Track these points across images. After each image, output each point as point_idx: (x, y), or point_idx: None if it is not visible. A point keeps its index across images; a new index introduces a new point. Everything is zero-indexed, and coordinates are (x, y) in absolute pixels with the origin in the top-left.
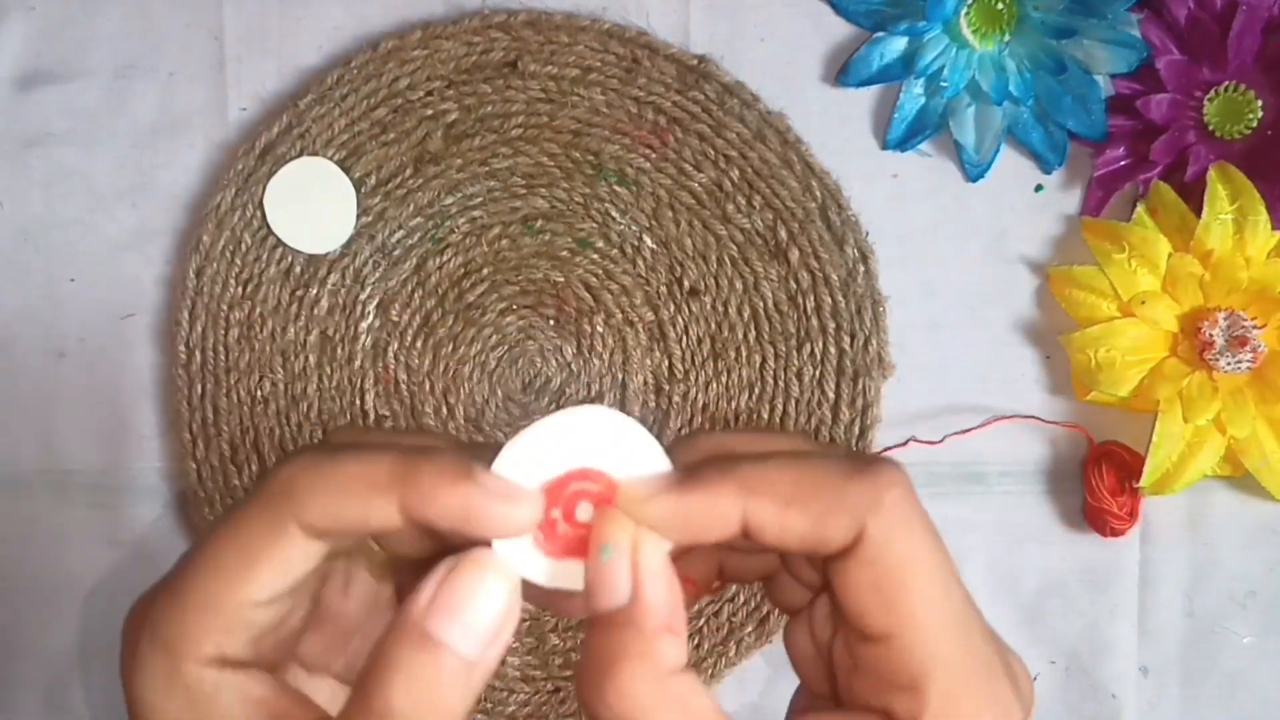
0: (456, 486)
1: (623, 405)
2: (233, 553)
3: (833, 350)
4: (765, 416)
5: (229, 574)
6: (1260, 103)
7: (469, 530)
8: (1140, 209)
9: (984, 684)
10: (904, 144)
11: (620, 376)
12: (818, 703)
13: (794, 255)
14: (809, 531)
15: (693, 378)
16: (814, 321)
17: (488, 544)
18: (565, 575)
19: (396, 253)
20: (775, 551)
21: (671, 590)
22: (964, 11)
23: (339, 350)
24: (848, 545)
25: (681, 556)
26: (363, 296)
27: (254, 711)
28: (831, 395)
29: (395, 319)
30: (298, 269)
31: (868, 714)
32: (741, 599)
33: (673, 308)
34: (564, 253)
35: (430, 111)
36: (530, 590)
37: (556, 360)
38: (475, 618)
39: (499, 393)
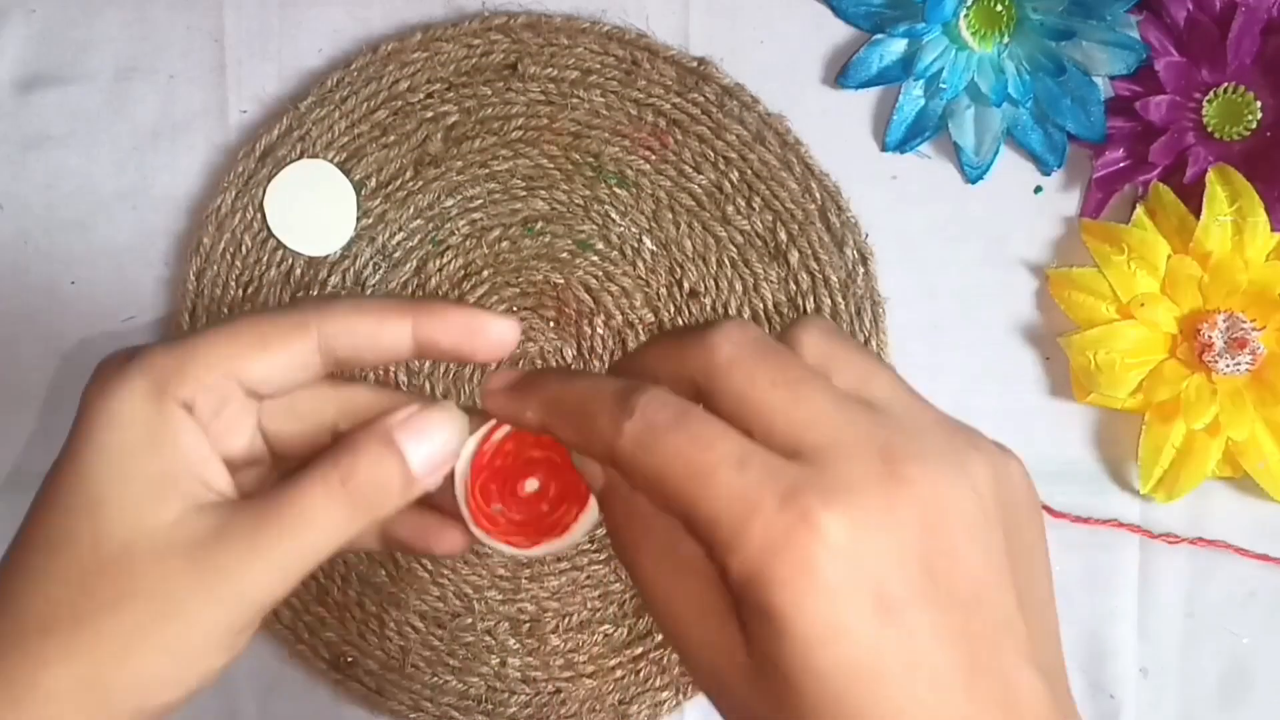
0: (456, 307)
1: None
2: (252, 334)
3: None
4: None
5: (241, 346)
6: (1259, 104)
7: (471, 343)
8: (1139, 211)
9: (767, 520)
10: (903, 146)
11: None
12: None
13: (794, 257)
14: (579, 444)
15: None
16: None
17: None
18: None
19: (397, 255)
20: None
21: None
22: (963, 13)
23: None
24: (608, 461)
25: None
26: None
27: (207, 460)
28: None
29: None
30: (298, 271)
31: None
32: None
33: (673, 309)
34: (564, 255)
35: (430, 114)
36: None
37: (557, 362)
38: (430, 447)
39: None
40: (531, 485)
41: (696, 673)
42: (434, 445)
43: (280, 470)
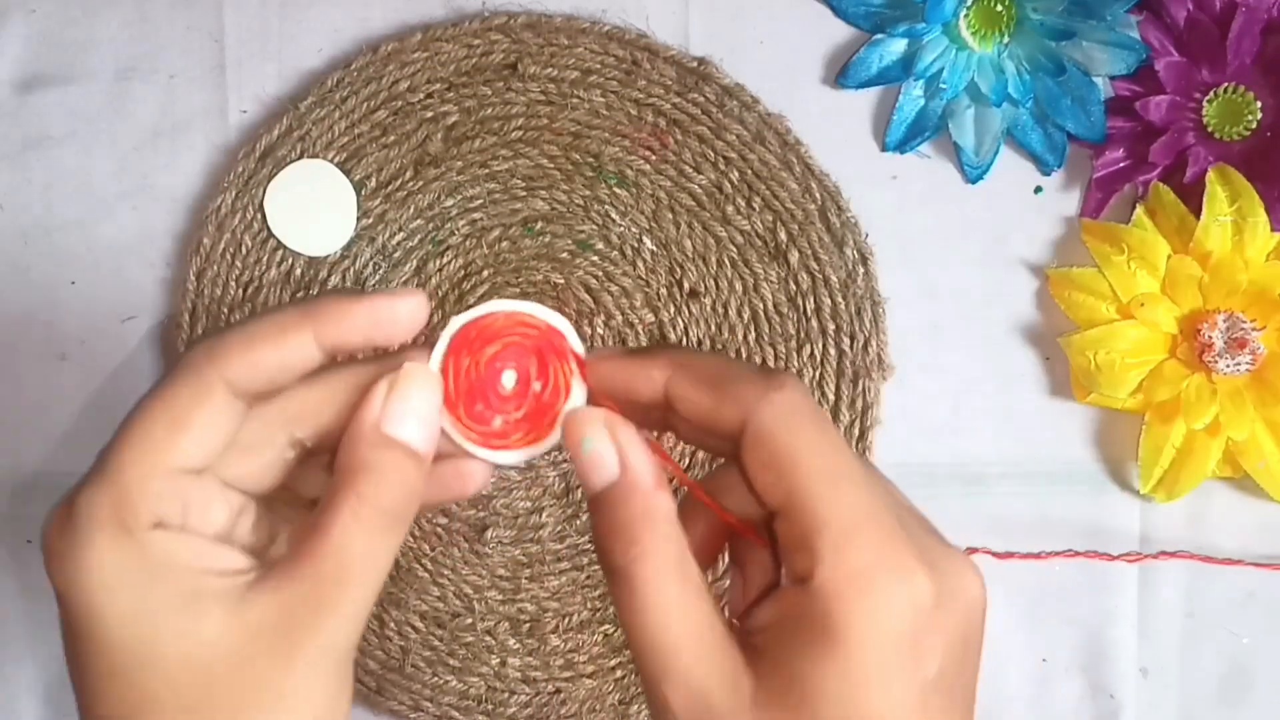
0: (357, 303)
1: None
2: (161, 421)
3: (832, 352)
4: None
5: (158, 441)
6: (1259, 104)
7: (381, 332)
8: (1139, 211)
9: (876, 536)
10: (903, 146)
11: None
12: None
13: (794, 257)
14: (709, 408)
15: None
16: (814, 323)
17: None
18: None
19: (397, 255)
20: (688, 420)
21: (650, 456)
22: (963, 13)
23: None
24: (736, 429)
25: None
26: None
27: (209, 556)
28: (831, 397)
29: None
30: (298, 271)
31: (789, 587)
32: None
33: (673, 309)
34: (564, 255)
35: (430, 114)
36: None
37: None
38: (419, 417)
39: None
40: (509, 379)
41: (675, 695)
42: (422, 411)
43: (267, 501)
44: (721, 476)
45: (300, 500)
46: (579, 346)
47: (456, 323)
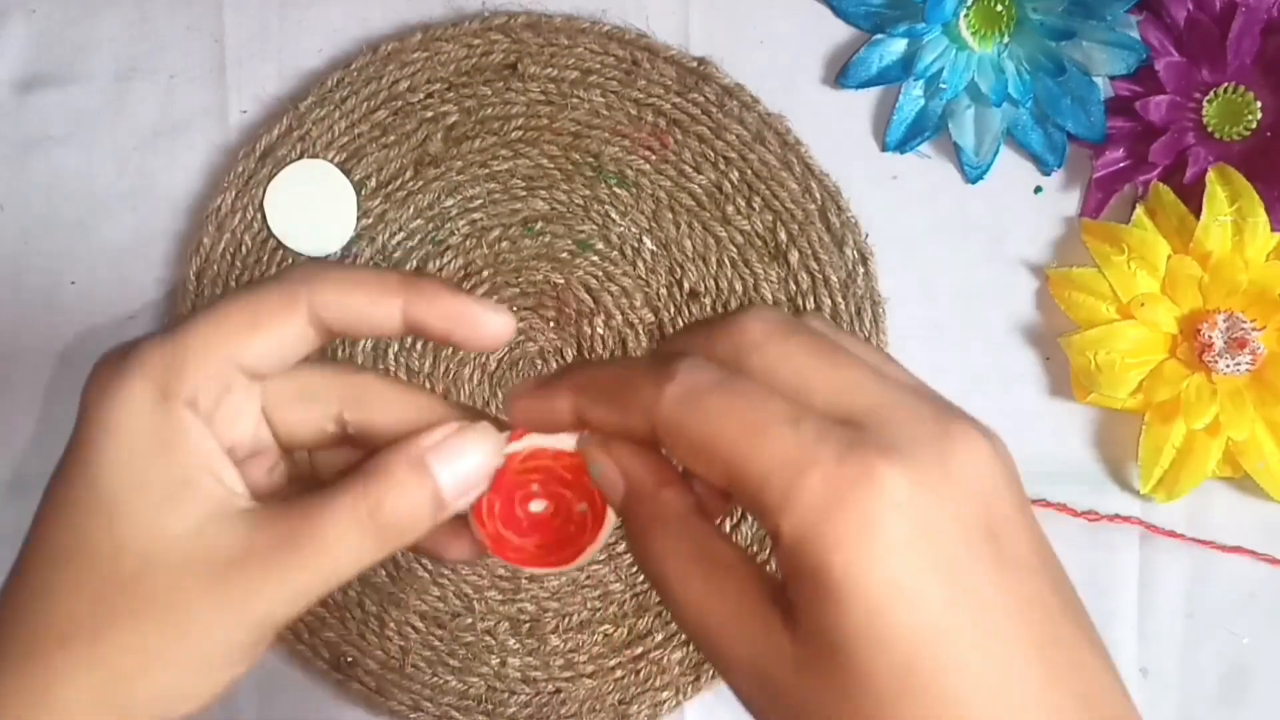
0: (454, 294)
1: None
2: (242, 315)
3: None
4: None
5: (233, 330)
6: (1259, 104)
7: (462, 331)
8: (1139, 211)
9: (824, 468)
10: (903, 146)
11: None
12: None
13: (794, 257)
14: (618, 425)
15: None
16: None
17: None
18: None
19: (397, 255)
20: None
21: (647, 465)
22: (963, 13)
23: (339, 353)
24: (648, 433)
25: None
26: None
27: (217, 459)
28: None
29: None
30: None
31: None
32: None
33: (673, 309)
34: (564, 255)
35: (430, 114)
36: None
37: (557, 362)
38: (462, 469)
39: (499, 394)
40: (537, 507)
41: (738, 679)
42: (468, 468)
43: (288, 459)
44: None
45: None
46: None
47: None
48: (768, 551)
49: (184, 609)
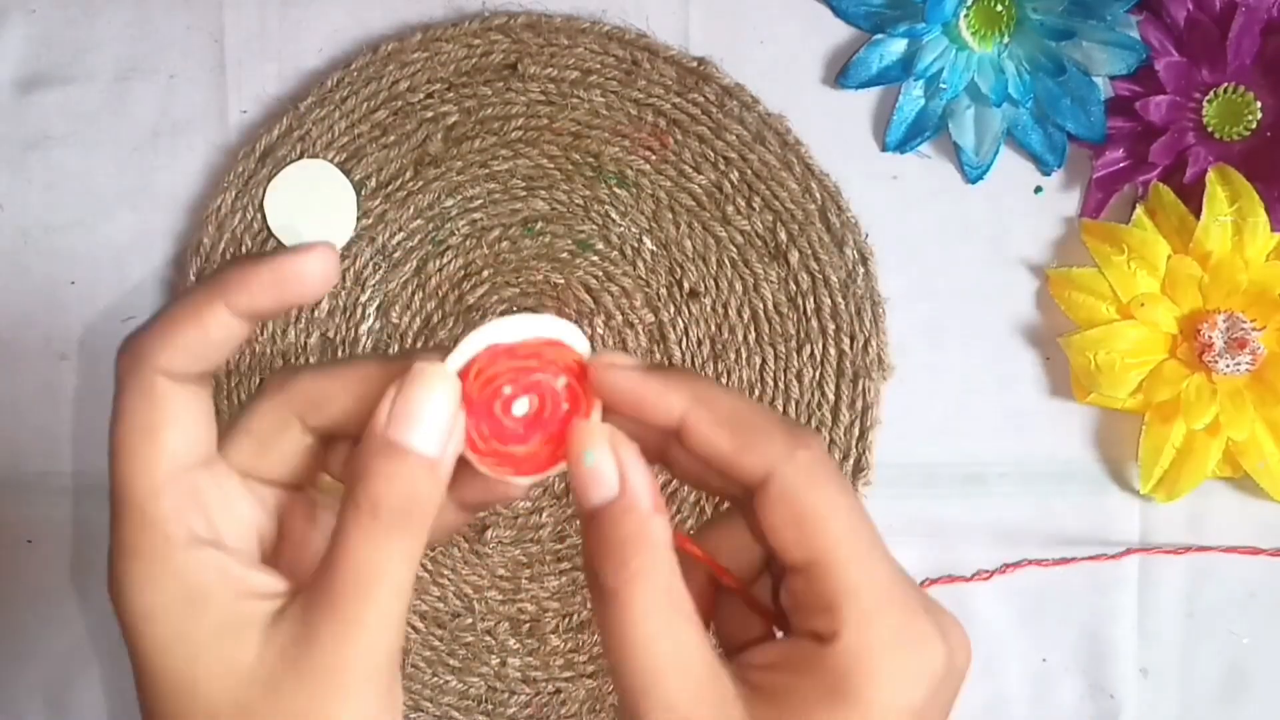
0: (260, 266)
1: None
2: (134, 435)
3: (832, 352)
4: None
5: (144, 454)
6: (1259, 104)
7: (290, 292)
8: (1139, 211)
9: (899, 608)
10: (903, 146)
11: None
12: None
13: (794, 257)
14: (728, 452)
15: None
16: (814, 323)
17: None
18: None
19: (397, 255)
20: (697, 457)
21: (651, 479)
22: (963, 13)
23: (339, 353)
24: (756, 479)
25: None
26: (363, 299)
27: (247, 589)
28: (831, 397)
29: (395, 321)
30: None
31: (800, 639)
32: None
33: (673, 309)
34: (564, 255)
35: (430, 114)
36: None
37: None
38: (429, 421)
39: None
40: (522, 407)
41: (656, 715)
42: (431, 415)
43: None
44: (713, 532)
45: None
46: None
47: (479, 339)
48: None
49: (305, 717)
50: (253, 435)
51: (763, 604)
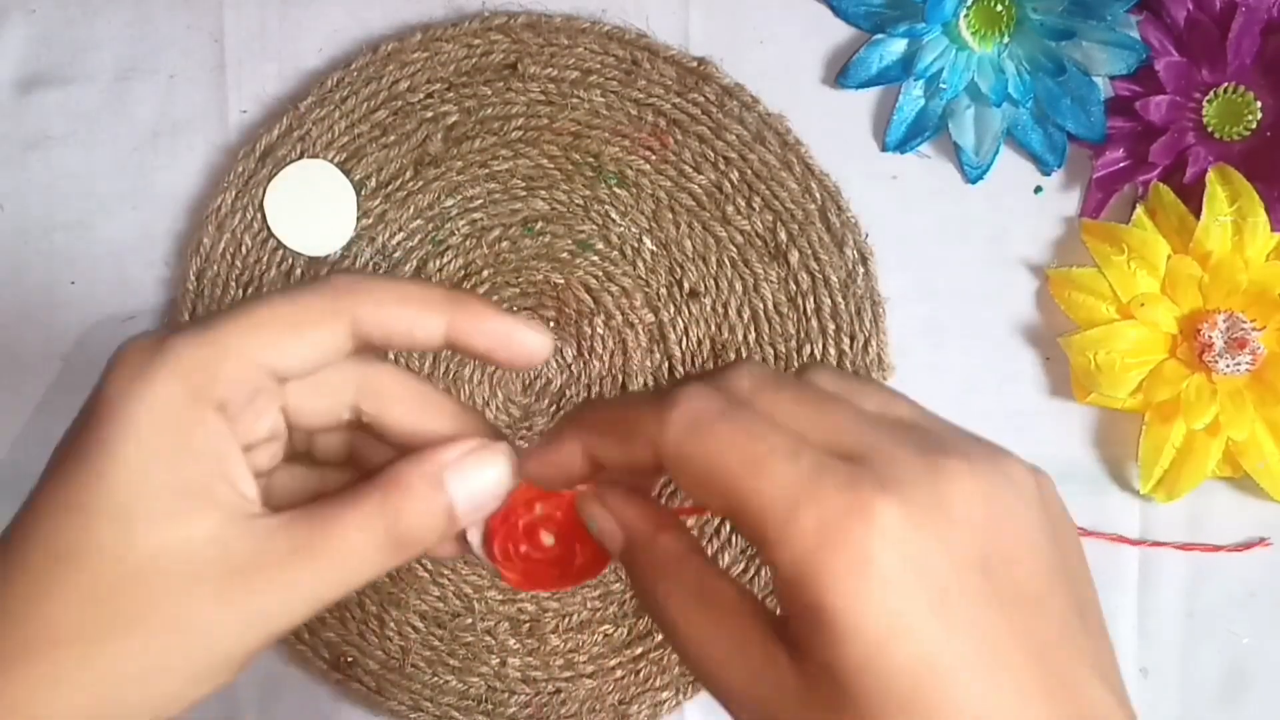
0: (499, 314)
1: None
2: (283, 321)
3: (832, 352)
4: None
5: (272, 336)
6: (1259, 104)
7: (499, 353)
8: (1139, 211)
9: (823, 501)
10: (903, 146)
11: (620, 378)
12: None
13: (794, 257)
14: (624, 457)
15: None
16: (814, 323)
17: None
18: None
19: (397, 255)
20: (624, 473)
21: (642, 511)
22: (963, 13)
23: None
24: (654, 463)
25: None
26: None
27: (236, 465)
28: None
29: None
30: (298, 271)
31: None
32: None
33: (673, 309)
34: (564, 255)
35: (430, 114)
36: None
37: (557, 362)
38: (479, 489)
39: (499, 394)
40: (547, 540)
41: (743, 714)
42: (483, 486)
43: (293, 442)
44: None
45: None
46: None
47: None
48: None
49: (191, 618)
50: (315, 380)
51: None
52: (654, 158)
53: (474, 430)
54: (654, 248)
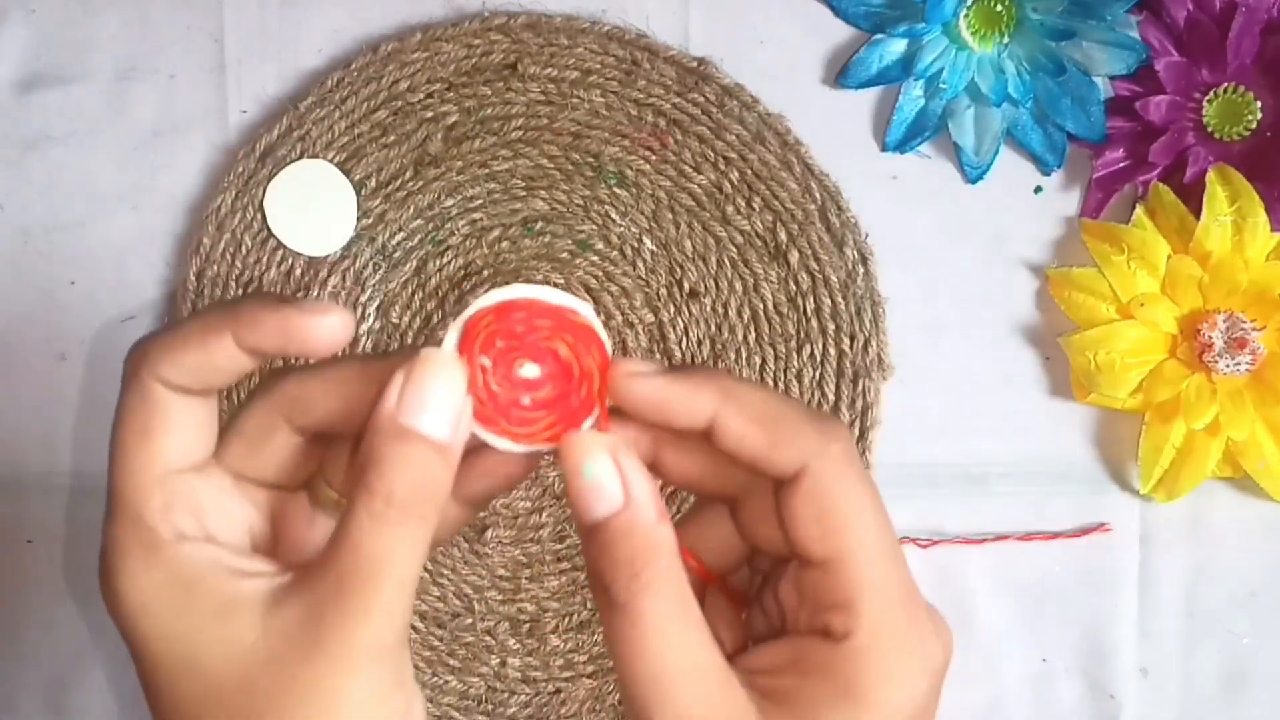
0: (273, 312)
1: None
2: (131, 437)
3: (832, 352)
4: None
5: (138, 455)
6: (1259, 104)
7: (295, 345)
8: (1139, 211)
9: (910, 612)
10: (903, 146)
11: None
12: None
13: (794, 257)
14: (762, 449)
15: None
16: (814, 323)
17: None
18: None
19: (397, 255)
20: (730, 457)
21: (653, 487)
22: (963, 13)
23: (339, 352)
24: (789, 474)
25: (701, 535)
26: (363, 299)
27: (241, 570)
28: (831, 397)
29: (396, 321)
30: (298, 271)
31: (809, 635)
32: None
33: (673, 309)
34: (564, 255)
35: (430, 114)
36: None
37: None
38: (439, 405)
39: None
40: (531, 371)
41: None
42: (442, 399)
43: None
44: (694, 525)
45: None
46: (607, 343)
47: (473, 308)
48: None
49: (307, 693)
50: (243, 436)
51: (741, 594)
52: (654, 158)
53: (392, 366)
54: (654, 248)
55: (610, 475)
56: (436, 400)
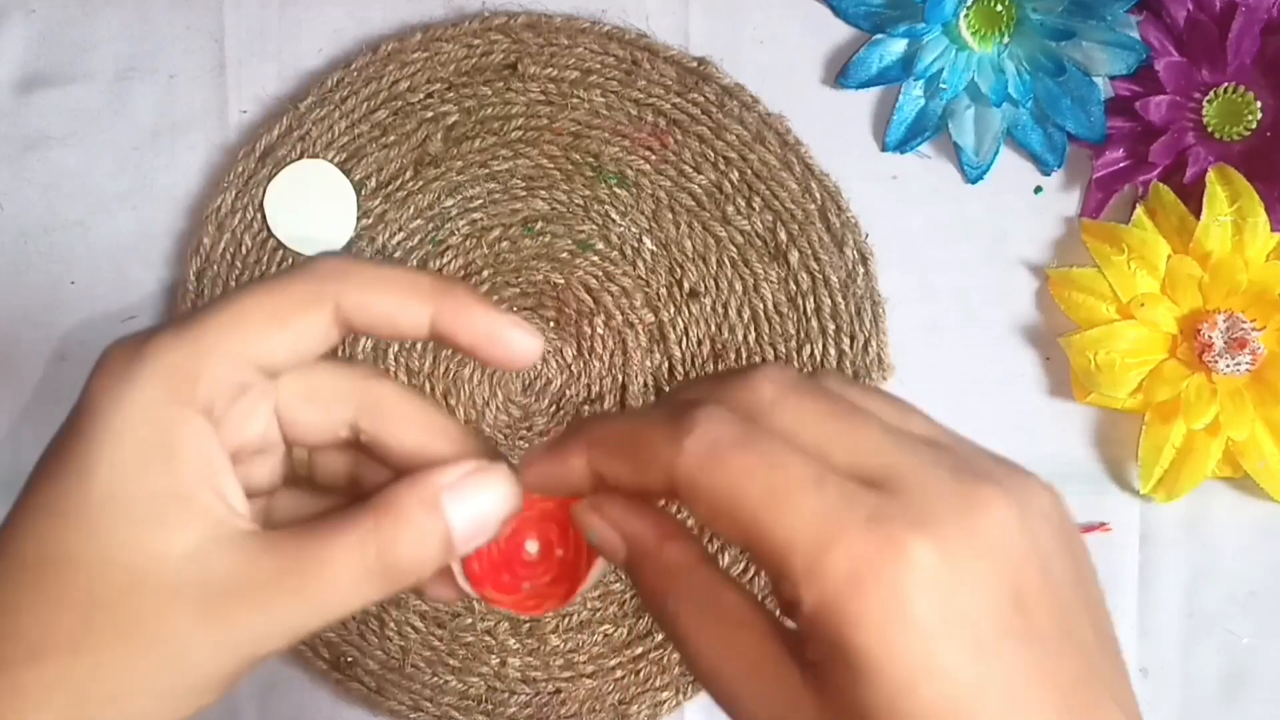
0: (487, 308)
1: (623, 407)
2: (265, 311)
3: (832, 352)
4: None
5: (255, 327)
6: (1259, 104)
7: (488, 347)
8: (1139, 211)
9: (853, 539)
10: (903, 146)
11: (620, 378)
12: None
13: (794, 257)
14: (634, 479)
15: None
16: (814, 323)
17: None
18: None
19: (397, 255)
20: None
21: (646, 520)
22: (963, 13)
23: (339, 353)
24: (666, 489)
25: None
26: None
27: (222, 472)
28: None
29: None
30: None
31: (789, 611)
32: None
33: (673, 309)
34: (564, 255)
35: (430, 114)
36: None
37: (557, 362)
38: (477, 514)
39: (499, 395)
40: (532, 548)
41: None
42: (483, 513)
43: (286, 456)
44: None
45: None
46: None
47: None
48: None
49: (172, 636)
50: (310, 391)
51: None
52: (654, 158)
53: (475, 453)
54: (654, 248)
55: (605, 531)
56: (480, 509)
